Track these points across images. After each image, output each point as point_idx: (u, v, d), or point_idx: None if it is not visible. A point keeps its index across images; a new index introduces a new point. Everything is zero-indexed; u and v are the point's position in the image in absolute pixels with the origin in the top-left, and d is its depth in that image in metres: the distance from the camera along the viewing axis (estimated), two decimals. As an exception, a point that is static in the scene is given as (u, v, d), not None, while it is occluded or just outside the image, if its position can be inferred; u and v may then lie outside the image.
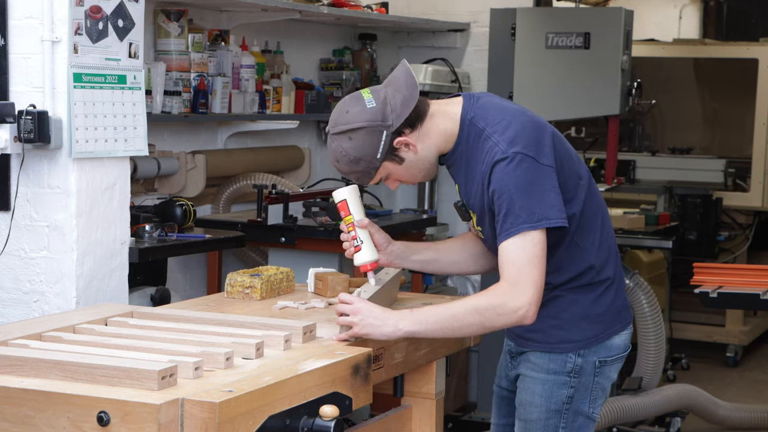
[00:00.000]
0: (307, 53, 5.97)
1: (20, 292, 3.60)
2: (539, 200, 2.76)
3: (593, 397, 2.97)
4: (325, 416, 2.45)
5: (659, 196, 7.05)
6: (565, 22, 5.44)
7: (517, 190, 2.75)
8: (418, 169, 2.94)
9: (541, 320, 2.89)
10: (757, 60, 7.54)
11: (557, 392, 2.95)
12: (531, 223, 2.75)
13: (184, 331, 2.78)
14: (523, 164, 2.77)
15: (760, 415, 5.93)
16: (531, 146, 2.79)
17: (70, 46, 3.47)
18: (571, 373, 2.94)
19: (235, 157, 5.30)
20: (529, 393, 2.99)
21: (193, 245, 4.28)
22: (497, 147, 2.79)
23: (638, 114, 7.95)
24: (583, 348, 2.94)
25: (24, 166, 3.52)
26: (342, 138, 2.88)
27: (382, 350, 2.94)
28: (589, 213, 2.94)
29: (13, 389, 2.33)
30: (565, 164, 2.88)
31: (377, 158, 2.86)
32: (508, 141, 2.79)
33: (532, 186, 2.76)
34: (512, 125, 2.83)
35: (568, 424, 2.96)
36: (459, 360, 5.87)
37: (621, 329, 3.00)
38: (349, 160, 2.88)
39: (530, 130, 2.83)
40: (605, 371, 2.98)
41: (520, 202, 2.75)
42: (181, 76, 4.78)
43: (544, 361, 2.96)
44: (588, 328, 2.94)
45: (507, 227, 2.77)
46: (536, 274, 2.76)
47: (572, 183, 2.89)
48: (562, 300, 2.94)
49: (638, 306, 5.65)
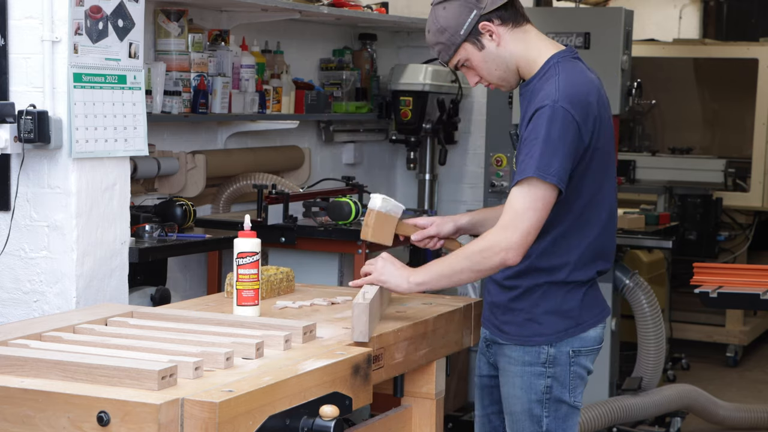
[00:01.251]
0: (307, 53, 5.97)
1: (20, 292, 3.60)
2: (561, 159, 2.84)
3: (572, 386, 3.05)
4: (325, 416, 2.45)
5: (659, 196, 7.05)
6: (565, 22, 5.44)
7: (546, 140, 2.84)
8: (496, 65, 3.01)
9: (515, 314, 3.03)
10: (757, 60, 7.54)
11: (535, 382, 3.03)
12: (543, 173, 2.83)
13: (184, 331, 2.78)
14: (563, 120, 2.85)
15: (760, 415, 5.93)
16: (578, 110, 2.87)
17: (70, 46, 3.47)
18: (546, 364, 3.02)
19: (235, 157, 5.30)
20: (510, 386, 3.08)
21: (193, 245, 4.28)
22: (553, 94, 2.89)
23: (638, 114, 7.95)
24: (555, 341, 3.02)
25: (24, 166, 3.52)
26: (438, 7, 3.02)
27: (382, 350, 2.95)
28: (596, 205, 3.01)
29: (13, 389, 2.32)
30: (602, 153, 2.96)
31: (460, 33, 2.97)
32: (565, 94, 2.88)
33: (560, 143, 2.84)
34: (578, 86, 2.92)
35: (551, 413, 3.04)
36: (459, 360, 5.87)
37: (594, 324, 3.07)
38: (437, 29, 3.01)
39: (586, 95, 2.92)
40: (580, 361, 3.06)
41: (541, 151, 2.84)
42: (181, 76, 4.78)
43: (519, 353, 3.05)
44: (559, 322, 3.02)
45: (521, 169, 2.86)
46: (528, 222, 2.85)
47: (599, 174, 2.97)
48: (534, 295, 3.02)
49: (638, 306, 5.65)
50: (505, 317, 3.07)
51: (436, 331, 3.21)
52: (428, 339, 3.17)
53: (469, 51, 3.00)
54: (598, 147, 2.95)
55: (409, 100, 5.98)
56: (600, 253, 3.05)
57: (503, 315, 3.08)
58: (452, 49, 3.00)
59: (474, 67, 3.04)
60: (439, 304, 3.37)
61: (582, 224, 2.99)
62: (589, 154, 2.93)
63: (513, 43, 3.00)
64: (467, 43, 2.99)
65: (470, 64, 3.03)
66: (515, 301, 3.04)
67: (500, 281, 3.07)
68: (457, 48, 3.00)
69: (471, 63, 3.03)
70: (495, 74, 3.03)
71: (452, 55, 3.02)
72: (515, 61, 3.01)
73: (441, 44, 3.01)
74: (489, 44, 2.99)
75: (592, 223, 3.00)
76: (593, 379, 5.61)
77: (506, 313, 3.07)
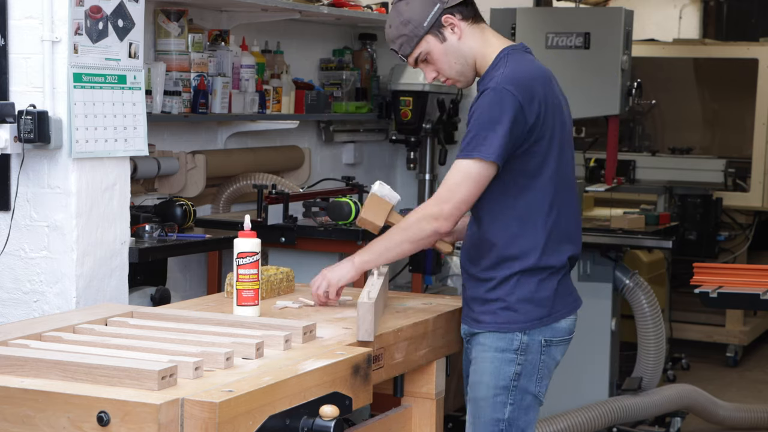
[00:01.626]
0: (307, 53, 5.97)
1: (20, 292, 3.60)
2: (498, 135, 2.94)
3: (539, 376, 3.10)
4: (325, 416, 2.45)
5: (659, 196, 7.04)
6: (565, 22, 5.44)
7: (484, 118, 2.95)
8: (455, 59, 3.10)
9: (491, 304, 3.09)
10: (757, 60, 7.53)
11: (504, 369, 3.08)
12: (475, 151, 2.95)
13: (184, 331, 2.78)
14: (503, 100, 2.95)
15: (760, 415, 5.93)
16: (521, 92, 2.96)
17: (70, 46, 3.47)
18: (518, 351, 3.07)
19: (235, 157, 5.30)
20: (479, 373, 3.13)
21: (193, 245, 4.28)
22: (497, 78, 3.00)
23: (638, 114, 7.94)
24: (529, 328, 3.07)
25: (24, 166, 3.52)
26: (401, 3, 3.10)
27: (382, 350, 2.95)
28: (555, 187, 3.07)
29: (13, 389, 2.32)
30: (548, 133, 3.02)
31: (424, 25, 3.06)
32: (508, 78, 2.98)
33: (499, 121, 2.94)
34: (523, 72, 3.02)
35: (516, 401, 3.08)
36: (459, 360, 5.85)
37: (567, 314, 3.13)
38: (400, 22, 3.08)
39: (531, 80, 3.01)
40: (551, 351, 3.11)
41: (478, 131, 2.95)
42: (181, 76, 4.78)
43: (492, 340, 3.10)
44: (533, 310, 3.08)
45: (461, 148, 2.99)
46: (460, 194, 2.98)
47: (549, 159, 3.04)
48: (509, 284, 3.07)
49: (638, 306, 5.65)
50: (482, 308, 3.12)
51: (436, 331, 3.21)
52: (428, 339, 3.17)
53: (431, 44, 3.08)
54: (547, 128, 3.01)
55: (409, 100, 5.98)
56: (566, 236, 3.11)
57: (480, 306, 3.13)
58: (414, 41, 3.08)
59: (434, 61, 3.11)
60: (439, 304, 3.37)
61: (542, 206, 3.05)
62: (537, 133, 2.99)
63: (472, 38, 3.09)
64: (430, 36, 3.08)
65: (430, 58, 3.11)
66: (491, 292, 3.10)
67: (476, 275, 3.13)
68: (420, 40, 3.07)
69: (431, 56, 3.10)
70: (454, 68, 3.11)
71: (414, 47, 3.09)
72: (473, 55, 3.10)
73: (404, 36, 3.08)
74: (451, 37, 3.08)
75: (554, 204, 3.07)
76: (593, 379, 5.64)
77: (483, 304, 3.12)
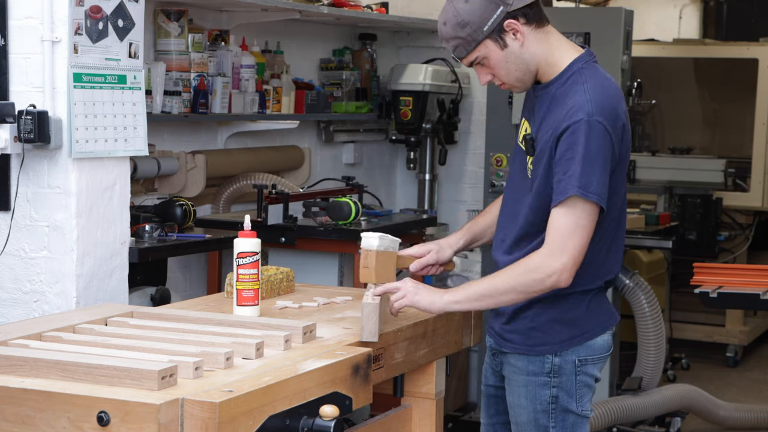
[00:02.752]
0: (307, 53, 5.97)
1: (20, 292, 3.60)
2: (600, 175, 2.78)
3: (579, 395, 2.97)
4: (325, 416, 2.45)
5: (659, 196, 7.05)
6: (565, 22, 5.43)
7: (585, 157, 2.76)
8: (516, 66, 2.89)
9: (518, 323, 2.95)
10: (757, 60, 7.54)
11: (540, 393, 2.96)
12: (585, 191, 2.76)
13: (184, 331, 2.78)
14: (600, 135, 2.78)
15: (760, 415, 5.93)
16: (611, 122, 2.81)
17: (70, 46, 3.47)
18: (551, 374, 2.95)
19: (235, 157, 5.29)
20: (515, 395, 3.01)
21: (193, 245, 4.28)
22: (586, 106, 2.79)
23: (638, 114, 7.95)
24: (560, 350, 2.94)
25: (24, 166, 3.52)
26: (459, 0, 2.85)
27: (382, 350, 2.94)
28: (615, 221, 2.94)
29: (13, 389, 2.32)
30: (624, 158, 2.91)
31: (483, 30, 2.83)
32: (598, 106, 2.80)
33: (598, 159, 2.78)
34: (608, 98, 2.84)
35: (557, 423, 2.97)
36: (459, 360, 5.87)
37: (600, 332, 2.98)
38: (457, 23, 2.84)
39: (617, 105, 2.86)
40: (587, 369, 2.97)
41: (582, 170, 2.76)
42: (181, 76, 4.78)
43: (524, 363, 2.98)
44: (564, 331, 2.94)
45: (561, 189, 2.78)
46: (576, 241, 2.78)
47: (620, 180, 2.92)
48: (538, 304, 2.94)
49: (638, 306, 5.65)
50: (509, 326, 2.99)
51: (436, 331, 3.21)
52: (428, 339, 3.17)
53: (490, 49, 2.86)
54: (622, 155, 2.89)
55: (409, 100, 5.98)
56: (610, 263, 2.97)
57: (507, 324, 3.01)
58: (472, 46, 2.85)
59: (492, 66, 2.90)
60: None
61: (600, 234, 2.90)
62: (616, 163, 2.87)
63: (535, 44, 2.88)
64: (489, 41, 2.84)
65: (488, 63, 2.89)
66: (519, 310, 2.96)
67: None
68: (478, 44, 2.85)
69: (489, 61, 2.89)
70: (513, 75, 2.91)
71: (471, 51, 2.87)
72: (536, 62, 2.90)
73: (460, 39, 2.85)
74: (512, 43, 2.86)
75: (609, 232, 2.94)
76: (593, 379, 5.63)
77: (509, 322, 3.00)
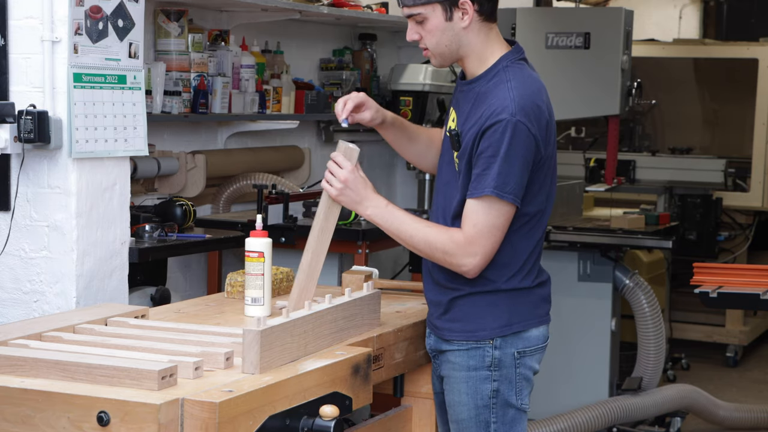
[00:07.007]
0: (307, 53, 5.97)
1: (20, 292, 3.60)
2: (517, 175, 2.84)
3: (518, 388, 2.99)
4: (325, 416, 2.45)
5: (659, 196, 7.05)
6: (565, 22, 5.44)
7: (504, 157, 2.82)
8: (448, 42, 2.93)
9: (456, 312, 2.99)
10: (757, 60, 7.54)
11: (481, 387, 2.97)
12: (501, 191, 2.83)
13: (184, 331, 2.78)
14: (521, 135, 2.82)
15: (760, 415, 5.93)
16: (535, 122, 2.85)
17: (70, 46, 3.47)
18: (491, 367, 2.96)
19: (235, 157, 5.30)
20: (455, 393, 3.02)
21: (193, 245, 4.28)
22: (510, 106, 2.83)
23: (638, 114, 7.95)
24: (499, 336, 2.96)
25: (24, 166, 3.52)
26: None
27: (382, 350, 2.94)
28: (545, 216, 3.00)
29: (13, 389, 2.33)
30: (551, 158, 2.95)
31: None
32: (520, 106, 2.83)
33: (517, 159, 2.83)
34: (531, 96, 2.88)
35: (499, 417, 2.98)
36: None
37: (537, 324, 3.01)
38: None
39: (541, 109, 2.89)
40: (526, 362, 2.99)
41: (499, 169, 2.82)
42: (181, 76, 4.78)
43: (464, 359, 2.99)
44: (503, 316, 2.96)
45: (479, 185, 2.84)
46: (491, 241, 2.87)
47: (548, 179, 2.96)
48: (476, 297, 2.97)
49: (638, 306, 5.65)
50: (447, 316, 3.00)
51: (436, 331, 3.21)
52: (428, 339, 3.17)
53: (436, 13, 2.90)
54: (548, 154, 2.92)
55: (409, 100, 5.98)
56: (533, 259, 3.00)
57: (444, 314, 3.01)
58: (422, 0, 2.89)
59: (427, 30, 2.93)
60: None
61: (528, 231, 2.95)
62: (540, 162, 2.90)
63: (476, 34, 2.93)
64: (439, 6, 2.88)
65: (425, 24, 2.92)
66: (456, 300, 2.98)
67: (443, 283, 3.01)
68: (429, 2, 2.89)
69: (427, 24, 2.92)
70: (441, 48, 2.95)
71: (418, 5, 2.90)
72: (468, 50, 2.95)
73: None
74: (457, 21, 2.90)
75: (537, 229, 2.98)
76: (593, 379, 5.65)
77: (447, 312, 3.01)
